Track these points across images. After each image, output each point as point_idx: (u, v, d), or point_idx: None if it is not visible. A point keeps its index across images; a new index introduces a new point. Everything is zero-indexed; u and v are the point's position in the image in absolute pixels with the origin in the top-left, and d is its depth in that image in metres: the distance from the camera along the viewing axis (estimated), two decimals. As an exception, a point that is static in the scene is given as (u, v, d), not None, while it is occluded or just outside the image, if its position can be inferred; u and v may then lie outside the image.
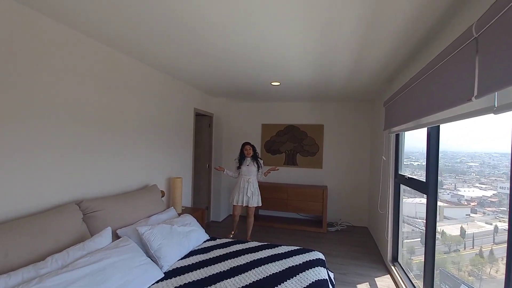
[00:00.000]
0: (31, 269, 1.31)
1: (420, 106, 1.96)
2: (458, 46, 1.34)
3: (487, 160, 2.09)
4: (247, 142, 3.78)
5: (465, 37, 1.27)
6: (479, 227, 2.02)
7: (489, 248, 1.91)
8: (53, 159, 1.86)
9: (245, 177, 3.66)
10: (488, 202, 1.99)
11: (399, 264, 2.96)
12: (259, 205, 3.70)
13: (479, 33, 1.16)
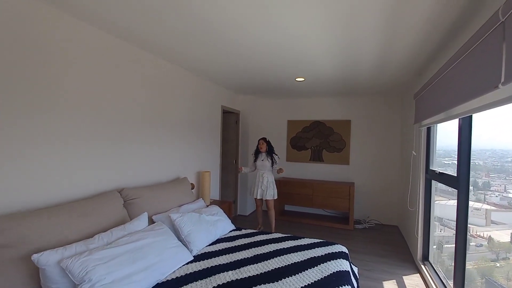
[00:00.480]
0: (82, 244, 1.53)
1: (449, 97, 1.89)
2: (485, 31, 1.29)
3: None
4: (262, 138, 3.90)
5: (491, 22, 1.22)
6: None
7: None
8: (101, 152, 2.11)
9: (260, 172, 3.82)
10: None
11: (429, 263, 2.85)
12: (275, 198, 3.81)
13: (505, 17, 1.12)
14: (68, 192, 1.88)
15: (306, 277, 1.77)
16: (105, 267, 1.41)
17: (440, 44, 2.22)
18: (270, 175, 3.84)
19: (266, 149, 3.85)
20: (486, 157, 2.33)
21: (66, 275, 1.35)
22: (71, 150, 1.89)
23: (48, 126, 1.74)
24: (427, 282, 2.63)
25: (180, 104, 3.16)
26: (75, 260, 1.36)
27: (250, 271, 1.82)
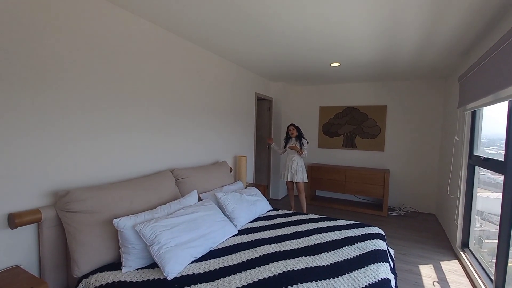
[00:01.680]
0: (148, 213, 1.78)
1: (499, 78, 1.82)
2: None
3: None
4: (291, 124, 4.03)
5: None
6: None
7: None
8: (155, 137, 2.37)
9: (290, 156, 3.97)
10: None
11: (469, 250, 2.81)
12: (305, 181, 3.96)
13: None
14: (132, 171, 2.16)
15: (344, 253, 1.88)
16: (170, 232, 1.65)
17: (488, 23, 2.11)
18: (299, 159, 3.95)
19: (296, 134, 3.96)
20: None
21: (139, 237, 1.61)
22: (134, 137, 2.16)
23: (117, 119, 2.01)
24: (466, 268, 2.61)
25: (220, 92, 3.34)
26: (146, 225, 1.62)
27: (291, 245, 1.98)
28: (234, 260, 1.73)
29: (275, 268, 1.62)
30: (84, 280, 1.51)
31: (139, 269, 1.60)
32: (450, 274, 2.53)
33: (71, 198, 1.56)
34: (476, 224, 2.86)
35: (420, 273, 2.54)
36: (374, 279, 1.54)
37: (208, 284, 1.45)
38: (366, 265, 1.70)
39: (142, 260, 1.62)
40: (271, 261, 1.72)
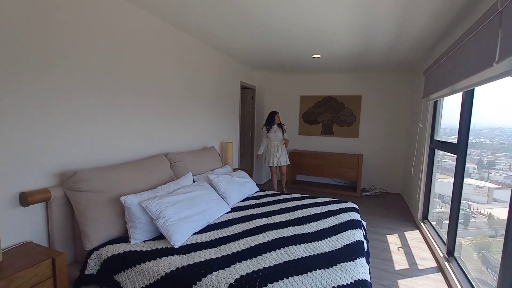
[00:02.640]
0: (151, 192, 1.93)
1: (455, 72, 2.15)
2: (486, 17, 1.55)
3: None
4: (276, 111, 4.32)
5: (492, 11, 1.47)
6: None
7: None
8: (149, 123, 2.46)
9: (274, 142, 4.28)
10: None
11: (428, 221, 3.26)
12: (288, 163, 4.38)
13: (503, 7, 1.38)
14: (130, 154, 2.27)
15: (325, 223, 2.17)
16: (173, 208, 1.82)
17: (450, 24, 2.44)
18: (282, 144, 4.28)
19: (279, 122, 4.32)
20: (493, 135, 2.39)
21: (145, 212, 1.76)
22: (130, 122, 2.25)
23: (116, 106, 2.09)
24: (425, 236, 3.05)
25: (206, 80, 3.45)
26: (152, 202, 1.77)
27: (279, 218, 2.23)
28: (231, 231, 1.94)
29: (268, 236, 1.87)
30: (95, 252, 1.64)
31: (146, 241, 1.76)
32: (412, 241, 2.96)
33: (79, 178, 1.67)
34: (437, 206, 3.29)
35: (387, 241, 2.94)
36: (351, 240, 1.83)
37: (212, 250, 1.65)
38: (344, 230, 2.00)
39: (148, 233, 1.78)
40: (263, 231, 1.96)
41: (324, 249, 1.72)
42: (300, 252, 1.66)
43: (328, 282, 1.35)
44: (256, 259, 1.56)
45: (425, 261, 2.54)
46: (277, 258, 1.58)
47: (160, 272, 1.46)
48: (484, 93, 2.15)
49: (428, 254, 2.66)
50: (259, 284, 1.32)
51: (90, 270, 1.61)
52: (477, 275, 2.07)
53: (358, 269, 1.49)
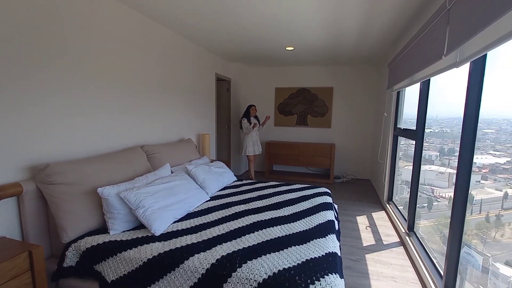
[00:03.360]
0: (128, 183, 1.93)
1: (413, 65, 2.37)
2: (437, 15, 1.73)
3: (505, 127, 2.00)
4: (252, 104, 4.65)
5: (442, 8, 1.65)
6: (488, 193, 2.01)
7: (496, 214, 1.92)
8: (123, 116, 2.42)
9: (253, 133, 4.61)
10: (500, 169, 1.96)
11: (393, 202, 3.57)
12: (261, 152, 4.83)
13: (450, 5, 1.55)
14: (103, 147, 2.22)
15: (300, 206, 2.31)
16: (152, 198, 1.84)
17: (409, 20, 2.65)
18: (257, 134, 4.67)
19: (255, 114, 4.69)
20: (453, 125, 2.52)
21: (124, 203, 1.77)
22: (104, 114, 2.20)
23: (85, 100, 2.03)
24: (390, 215, 3.34)
25: (181, 71, 3.42)
26: (130, 192, 1.78)
27: (257, 204, 2.34)
28: (211, 218, 2.01)
29: (247, 220, 1.96)
30: (73, 244, 1.63)
31: (126, 231, 1.77)
32: (378, 221, 3.23)
33: (51, 171, 1.63)
34: (404, 192, 3.58)
35: (357, 221, 3.18)
36: (323, 220, 1.99)
37: (192, 235, 1.71)
38: (317, 212, 2.15)
39: (127, 224, 1.80)
40: (242, 216, 2.05)
41: (299, 228, 1.85)
42: (277, 232, 1.78)
43: (302, 256, 1.48)
44: (236, 240, 1.65)
45: (389, 237, 2.80)
46: (255, 238, 1.68)
47: (142, 258, 1.50)
48: (445, 84, 2.39)
49: (392, 231, 2.93)
50: (239, 262, 1.41)
51: (69, 262, 1.60)
52: (436, 247, 2.34)
53: (329, 244, 1.64)
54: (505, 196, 1.86)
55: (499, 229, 1.90)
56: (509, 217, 1.78)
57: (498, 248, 1.89)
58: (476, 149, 2.21)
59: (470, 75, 1.57)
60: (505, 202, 1.85)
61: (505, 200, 1.86)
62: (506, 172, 1.93)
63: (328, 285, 1.26)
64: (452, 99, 2.39)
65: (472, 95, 1.56)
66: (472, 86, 1.56)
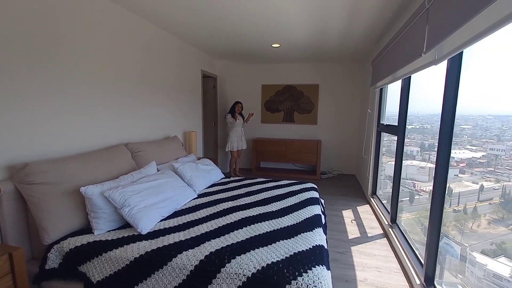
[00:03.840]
0: (112, 182, 1.88)
1: (395, 62, 2.44)
2: (417, 14, 1.79)
3: (480, 123, 2.10)
4: (238, 102, 4.73)
5: (421, 8, 1.72)
6: (465, 186, 2.11)
7: (473, 206, 2.02)
8: (103, 113, 2.35)
9: (238, 128, 4.73)
10: (476, 163, 2.04)
11: (376, 196, 3.68)
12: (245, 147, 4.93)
13: (429, 5, 1.61)
14: (85, 145, 2.16)
15: (287, 202, 2.34)
16: (138, 196, 1.81)
17: (391, 19, 2.72)
18: (241, 129, 4.82)
19: (241, 111, 4.78)
20: (433, 121, 2.63)
21: (108, 202, 1.73)
22: (86, 112, 2.14)
23: (65, 97, 1.95)
24: (374, 208, 3.45)
25: (167, 68, 3.36)
26: (115, 191, 1.74)
27: (245, 201, 2.35)
28: (199, 215, 2.00)
29: (235, 217, 1.97)
30: (56, 245, 1.58)
31: (111, 230, 1.74)
32: (363, 214, 3.33)
33: (31, 171, 1.57)
34: (387, 187, 3.69)
35: (342, 215, 3.26)
36: (310, 215, 2.03)
37: (180, 233, 1.70)
38: (304, 207, 2.19)
39: (112, 223, 1.76)
40: (230, 212, 2.06)
41: (287, 223, 1.88)
42: (265, 227, 1.80)
43: (290, 249, 1.50)
44: (224, 237, 1.66)
45: (374, 229, 2.89)
46: (244, 234, 1.69)
47: (128, 257, 1.47)
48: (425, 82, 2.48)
49: (376, 224, 3.03)
50: (228, 257, 1.42)
51: (51, 264, 1.56)
52: (417, 238, 2.45)
53: (315, 237, 1.68)
54: (481, 189, 1.95)
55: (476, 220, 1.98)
56: (485, 209, 1.87)
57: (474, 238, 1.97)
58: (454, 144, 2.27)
59: (447, 73, 1.64)
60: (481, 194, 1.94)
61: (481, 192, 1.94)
62: (481, 166, 2.02)
63: (315, 276, 1.29)
64: (431, 96, 2.50)
65: (450, 92, 1.63)
66: (449, 83, 1.63)
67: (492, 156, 1.89)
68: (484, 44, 1.43)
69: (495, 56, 1.63)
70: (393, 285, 1.96)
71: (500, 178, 1.83)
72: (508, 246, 1.70)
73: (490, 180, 1.88)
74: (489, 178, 1.90)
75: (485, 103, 1.90)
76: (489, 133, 2.00)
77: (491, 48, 1.60)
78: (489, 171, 1.92)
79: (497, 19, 1.04)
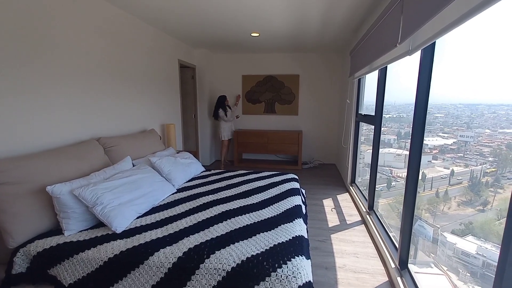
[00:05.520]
0: (83, 179, 1.78)
1: (371, 53, 2.46)
2: (392, 5, 1.80)
3: (452, 111, 2.18)
4: (224, 95, 4.90)
5: None
6: (438, 171, 2.21)
7: (444, 189, 2.13)
8: (74, 105, 2.20)
9: (230, 119, 4.92)
10: (448, 149, 2.13)
11: (355, 184, 3.78)
12: None
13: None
14: (52, 141, 2.02)
15: (268, 193, 2.34)
16: (111, 193, 1.73)
17: (368, 9, 2.73)
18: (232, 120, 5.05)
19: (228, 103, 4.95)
20: (409, 110, 2.72)
21: (79, 201, 1.64)
22: (53, 104, 1.98)
23: (29, 88, 1.80)
24: (353, 196, 3.55)
25: (141, 58, 3.20)
26: (85, 189, 1.65)
27: (226, 194, 2.32)
28: (177, 210, 1.95)
29: (215, 211, 1.94)
30: (22, 249, 1.48)
31: (83, 230, 1.66)
32: (342, 202, 3.42)
33: (-11, 170, 1.44)
34: (366, 174, 3.79)
35: (323, 204, 3.33)
36: (290, 205, 2.04)
37: (158, 230, 1.65)
38: (285, 198, 2.20)
39: (84, 223, 1.67)
40: (210, 206, 2.02)
41: (267, 215, 1.88)
42: (245, 220, 1.79)
43: (270, 242, 1.51)
44: (203, 232, 1.63)
45: (352, 216, 2.98)
46: (223, 228, 1.67)
47: (102, 258, 1.41)
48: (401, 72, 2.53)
49: (355, 211, 3.13)
50: (207, 253, 1.39)
51: (18, 269, 1.46)
52: (393, 223, 2.56)
53: (295, 228, 1.69)
54: (452, 174, 2.06)
55: (447, 203, 2.08)
56: (455, 192, 1.97)
57: (445, 220, 2.08)
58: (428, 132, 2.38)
59: (421, 63, 1.67)
60: (452, 178, 2.05)
61: (451, 177, 2.06)
62: (452, 152, 2.11)
63: (295, 267, 1.30)
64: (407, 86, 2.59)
65: (423, 81, 1.66)
66: (422, 73, 1.66)
67: (462, 143, 1.97)
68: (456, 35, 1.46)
69: (465, 48, 1.68)
70: (370, 269, 2.04)
71: (468, 163, 1.93)
72: (475, 226, 1.81)
73: (459, 165, 1.99)
74: (459, 163, 2.00)
75: (456, 93, 1.97)
76: (459, 120, 2.07)
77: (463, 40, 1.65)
78: (459, 157, 2.02)
79: (466, 9, 1.06)
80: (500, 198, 1.65)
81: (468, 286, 1.76)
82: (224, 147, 5.04)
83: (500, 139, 1.73)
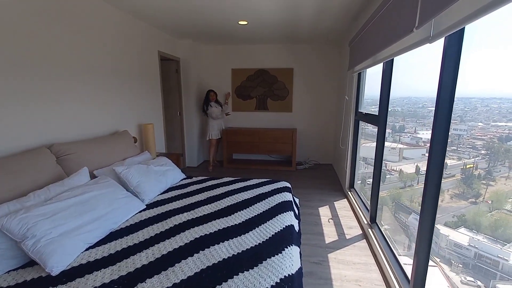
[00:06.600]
0: (15, 202, 1.40)
1: (376, 42, 2.09)
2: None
3: None
4: (211, 90, 4.61)
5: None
6: None
7: None
8: (20, 106, 1.79)
9: (218, 117, 4.65)
10: None
11: (354, 189, 3.45)
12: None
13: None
14: (-18, 151, 1.61)
15: (254, 209, 1.98)
16: (49, 221, 1.35)
17: (373, -10, 2.35)
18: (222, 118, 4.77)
19: (215, 99, 4.62)
20: (403, 104, 2.73)
21: (4, 234, 1.25)
22: (-27, 101, 1.57)
23: None
24: (352, 204, 3.22)
25: (112, 51, 2.77)
26: (11, 218, 1.26)
27: (204, 211, 1.95)
28: (140, 237, 1.58)
29: (186, 237, 1.57)
30: None
31: (11, 271, 1.27)
32: (340, 211, 3.08)
33: None
34: (361, 168, 3.52)
35: (319, 214, 2.99)
36: (280, 227, 1.68)
37: (107, 269, 1.28)
38: (273, 216, 1.84)
39: (14, 261, 1.30)
40: (182, 230, 1.65)
41: (251, 243, 1.52)
42: (223, 252, 1.42)
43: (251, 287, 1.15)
44: (166, 272, 1.26)
45: (352, 229, 2.64)
46: (193, 266, 1.30)
47: (22, 318, 1.04)
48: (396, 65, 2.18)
49: (355, 222, 2.79)
50: (163, 312, 1.03)
51: None
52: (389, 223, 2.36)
53: (285, 263, 1.33)
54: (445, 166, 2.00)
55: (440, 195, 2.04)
56: (447, 185, 1.96)
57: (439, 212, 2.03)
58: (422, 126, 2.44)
59: (444, 52, 1.30)
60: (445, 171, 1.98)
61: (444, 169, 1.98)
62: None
63: (282, 334, 0.95)
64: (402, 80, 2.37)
65: (447, 74, 1.30)
66: (447, 64, 1.30)
67: (455, 136, 1.97)
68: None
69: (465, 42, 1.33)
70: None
71: (461, 156, 1.94)
72: (467, 218, 1.87)
73: (453, 158, 1.97)
74: (452, 156, 1.98)
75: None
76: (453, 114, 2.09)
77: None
78: (452, 150, 1.99)
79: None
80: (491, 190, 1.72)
81: (460, 276, 1.78)
82: (212, 147, 4.74)
83: (493, 132, 1.77)
